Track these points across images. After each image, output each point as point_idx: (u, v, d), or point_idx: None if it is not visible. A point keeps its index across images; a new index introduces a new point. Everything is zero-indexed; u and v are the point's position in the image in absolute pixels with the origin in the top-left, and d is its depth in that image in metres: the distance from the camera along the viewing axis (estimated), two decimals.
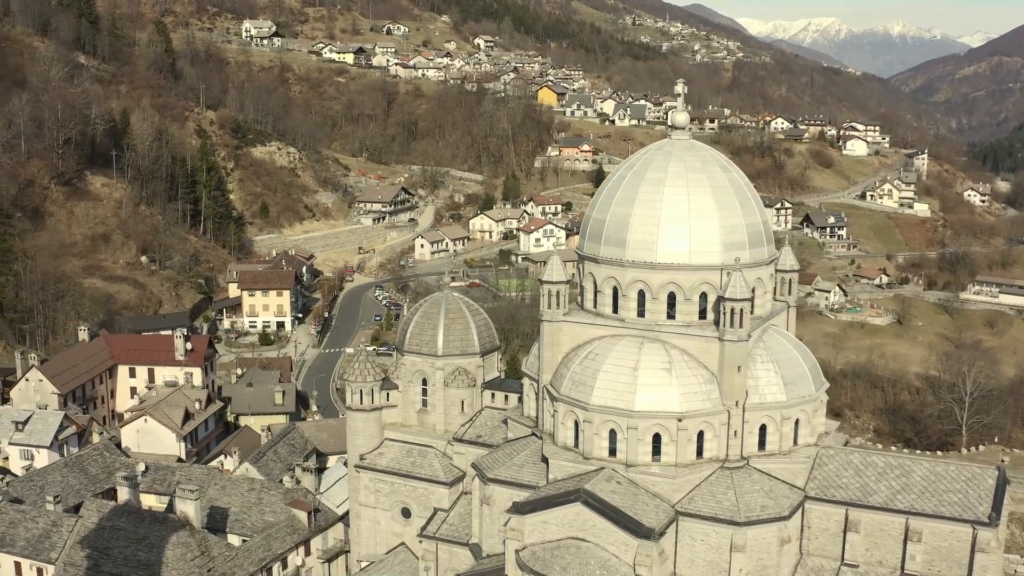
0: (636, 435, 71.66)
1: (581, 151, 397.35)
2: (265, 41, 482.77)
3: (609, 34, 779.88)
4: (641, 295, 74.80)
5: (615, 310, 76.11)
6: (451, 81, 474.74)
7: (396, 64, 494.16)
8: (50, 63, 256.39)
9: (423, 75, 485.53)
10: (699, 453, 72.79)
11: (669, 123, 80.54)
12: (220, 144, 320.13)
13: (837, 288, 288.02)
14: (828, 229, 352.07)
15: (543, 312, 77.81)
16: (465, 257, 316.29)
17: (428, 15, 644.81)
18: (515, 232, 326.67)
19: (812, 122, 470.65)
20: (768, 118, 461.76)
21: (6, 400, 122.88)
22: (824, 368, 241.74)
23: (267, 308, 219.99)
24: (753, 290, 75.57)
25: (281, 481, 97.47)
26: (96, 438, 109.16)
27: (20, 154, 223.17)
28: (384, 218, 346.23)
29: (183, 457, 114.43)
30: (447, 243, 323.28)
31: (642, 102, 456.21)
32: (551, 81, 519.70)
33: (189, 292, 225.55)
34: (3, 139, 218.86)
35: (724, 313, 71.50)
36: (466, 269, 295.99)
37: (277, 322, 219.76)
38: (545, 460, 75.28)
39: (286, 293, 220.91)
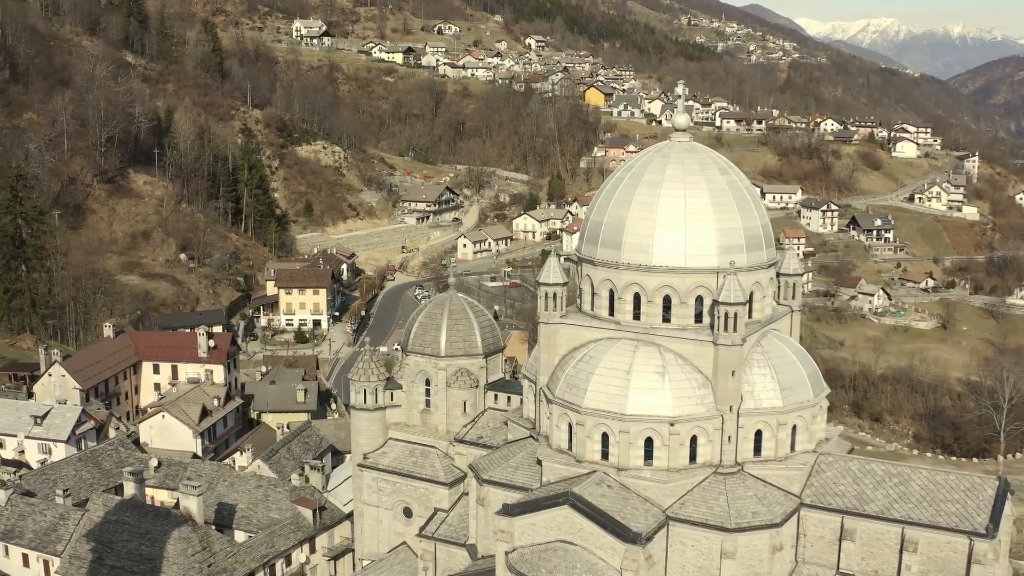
0: (628, 439, 71.13)
1: (627, 151, 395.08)
2: (315, 41, 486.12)
3: (663, 34, 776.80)
4: (637, 298, 74.27)
5: (611, 313, 75.65)
6: (499, 81, 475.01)
7: (445, 64, 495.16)
8: (95, 62, 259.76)
9: (472, 75, 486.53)
10: (692, 458, 72.05)
11: (671, 124, 79.76)
12: (265, 143, 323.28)
13: (881, 291, 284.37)
14: (875, 232, 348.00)
15: (539, 314, 77.57)
16: (508, 257, 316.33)
17: (481, 15, 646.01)
18: (559, 232, 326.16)
19: (863, 124, 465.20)
20: (818, 119, 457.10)
21: (31, 395, 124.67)
22: (864, 372, 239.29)
23: (303, 306, 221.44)
24: (751, 294, 75.04)
25: (290, 479, 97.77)
26: (112, 433, 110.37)
27: (63, 152, 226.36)
28: (428, 217, 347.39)
29: (199, 453, 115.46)
30: (490, 243, 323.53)
31: (689, 103, 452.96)
32: (600, 81, 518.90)
33: (227, 289, 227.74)
34: (47, 137, 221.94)
35: (718, 317, 70.79)
36: (507, 269, 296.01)
37: (313, 320, 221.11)
38: (539, 462, 75.01)
39: (323, 291, 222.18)
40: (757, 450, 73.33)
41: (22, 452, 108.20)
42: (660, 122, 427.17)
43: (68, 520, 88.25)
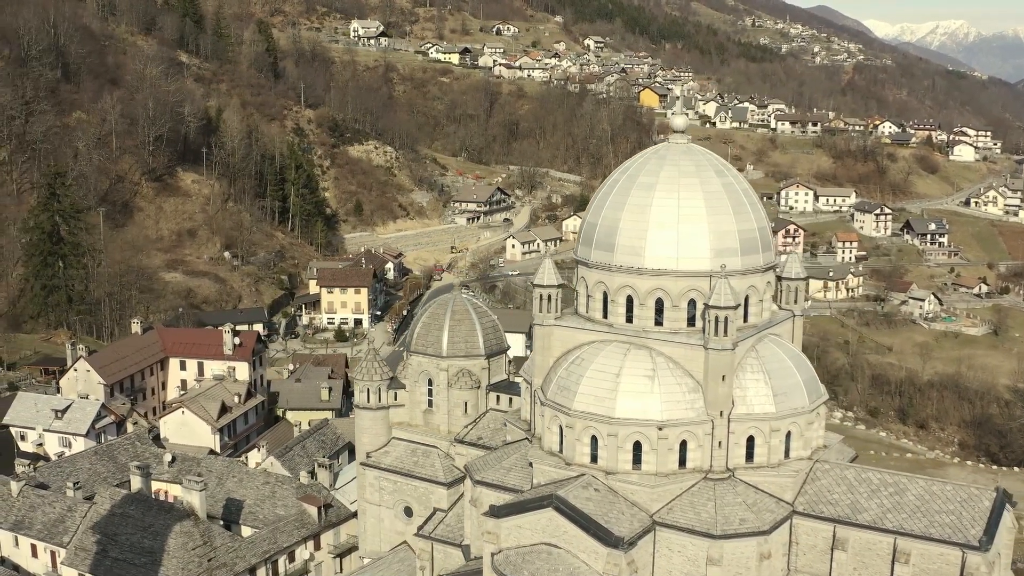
0: (616, 442, 70.67)
1: None
2: (372, 41, 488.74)
3: (726, 35, 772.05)
4: (630, 301, 73.77)
5: (605, 315, 75.24)
6: (554, 82, 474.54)
7: (500, 64, 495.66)
8: (146, 61, 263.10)
9: (528, 75, 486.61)
10: (682, 463, 71.38)
11: (670, 126, 79.00)
12: (317, 142, 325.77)
13: (932, 296, 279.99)
14: (928, 236, 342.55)
15: (534, 316, 77.33)
16: (557, 258, 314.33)
17: (541, 15, 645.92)
18: None
19: (921, 126, 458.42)
20: (876, 122, 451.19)
21: (59, 389, 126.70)
22: (911, 378, 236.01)
23: (345, 305, 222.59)
24: (746, 298, 74.19)
25: (298, 476, 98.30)
26: (130, 428, 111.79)
27: (112, 151, 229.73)
28: (478, 218, 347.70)
29: (217, 449, 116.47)
30: (539, 244, 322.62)
31: (744, 104, 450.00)
32: (658, 83, 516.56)
33: (270, 288, 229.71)
34: (95, 135, 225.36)
35: (709, 321, 70.04)
36: None
37: (355, 319, 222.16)
38: (531, 464, 74.74)
39: (364, 291, 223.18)
40: (750, 456, 72.44)
41: (40, 445, 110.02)
42: (714, 123, 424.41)
43: (76, 512, 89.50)
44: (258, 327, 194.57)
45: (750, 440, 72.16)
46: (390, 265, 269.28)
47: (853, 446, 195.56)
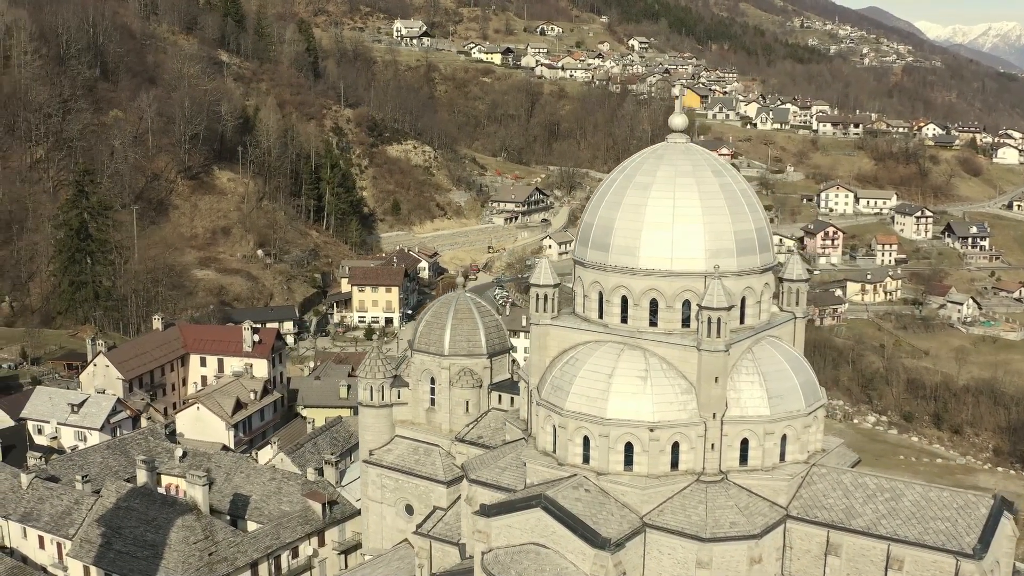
0: (607, 443, 70.31)
1: (720, 154, 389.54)
2: (414, 41, 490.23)
3: (773, 36, 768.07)
4: (624, 301, 73.36)
5: (600, 315, 74.88)
6: (596, 83, 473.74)
7: (542, 65, 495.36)
8: (183, 60, 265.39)
9: (570, 76, 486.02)
10: (675, 465, 70.91)
11: (670, 125, 78.42)
12: (356, 142, 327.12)
13: (971, 301, 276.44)
14: (970, 239, 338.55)
15: (531, 315, 77.15)
16: None
17: (586, 16, 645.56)
18: None
19: (966, 129, 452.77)
20: (920, 124, 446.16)
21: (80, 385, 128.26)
22: (946, 383, 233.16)
23: (376, 304, 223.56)
24: (743, 299, 73.56)
25: (307, 473, 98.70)
26: (144, 422, 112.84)
27: (148, 149, 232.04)
28: (516, 218, 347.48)
29: (231, 445, 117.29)
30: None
31: (786, 106, 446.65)
32: (701, 83, 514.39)
33: (302, 286, 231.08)
34: (132, 133, 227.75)
35: (702, 322, 69.51)
36: None
37: (385, 318, 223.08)
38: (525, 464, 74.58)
39: (395, 289, 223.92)
40: (744, 459, 71.80)
41: (54, 438, 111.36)
42: (755, 125, 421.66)
43: (82, 505, 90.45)
44: (288, 325, 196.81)
45: (744, 443, 71.50)
46: (424, 264, 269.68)
47: (883, 451, 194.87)
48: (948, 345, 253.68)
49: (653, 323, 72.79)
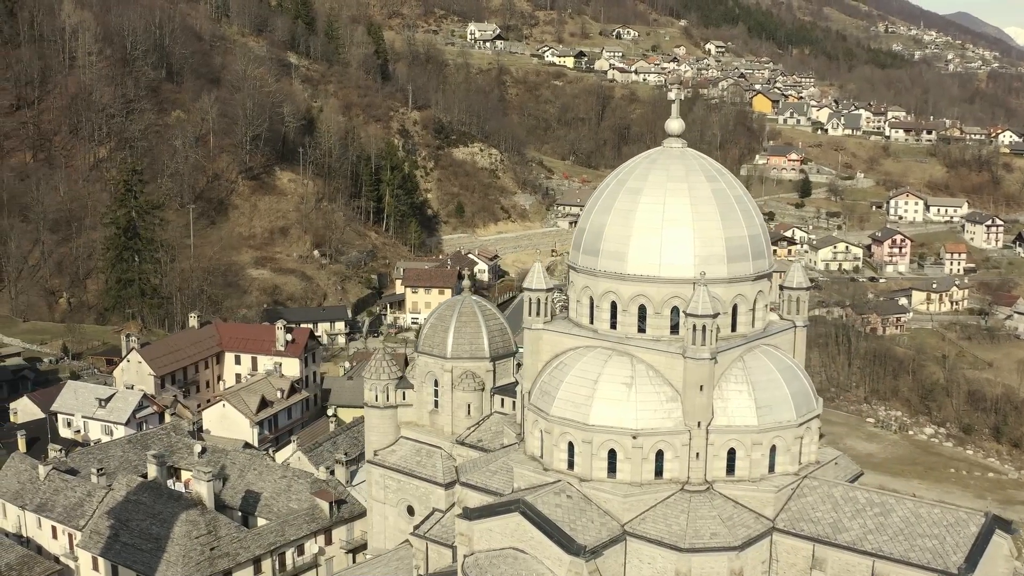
0: (590, 449, 69.88)
1: (789, 160, 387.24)
2: (487, 44, 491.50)
3: (856, 41, 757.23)
4: (614, 306, 72.88)
5: (591, 321, 74.47)
6: (668, 87, 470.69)
7: (615, 68, 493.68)
8: (247, 61, 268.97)
9: (643, 80, 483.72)
10: (659, 473, 70.21)
11: (666, 129, 77.79)
12: (421, 144, 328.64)
13: None
14: None
15: (524, 320, 76.95)
16: None
17: (665, 19, 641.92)
18: None
19: None
20: (997, 131, 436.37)
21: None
22: (1008, 395, 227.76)
23: (428, 305, 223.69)
24: (734, 307, 72.64)
25: (317, 472, 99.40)
26: (168, 418, 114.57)
27: (209, 149, 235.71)
28: None
29: (254, 442, 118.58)
30: None
31: (859, 111, 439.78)
32: (777, 88, 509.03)
33: (356, 286, 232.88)
34: (195, 134, 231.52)
35: (688, 329, 68.77)
36: None
37: None
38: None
39: (448, 291, 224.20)
40: (732, 469, 70.86)
41: (78, 432, 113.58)
42: (826, 130, 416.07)
43: (94, 497, 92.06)
44: (339, 325, 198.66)
45: (732, 453, 70.57)
46: (483, 267, 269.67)
47: (935, 463, 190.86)
48: (1013, 357, 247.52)
49: (642, 329, 72.19)
